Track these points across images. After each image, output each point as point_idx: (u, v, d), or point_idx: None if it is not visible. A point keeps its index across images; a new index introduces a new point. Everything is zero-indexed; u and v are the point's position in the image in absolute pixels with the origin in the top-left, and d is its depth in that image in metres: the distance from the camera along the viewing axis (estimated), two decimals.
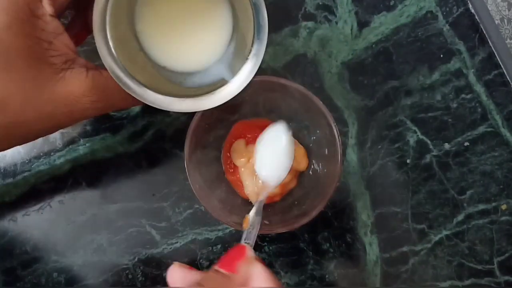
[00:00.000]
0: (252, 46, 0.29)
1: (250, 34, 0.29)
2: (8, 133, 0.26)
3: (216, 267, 0.24)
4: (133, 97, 0.28)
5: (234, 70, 0.30)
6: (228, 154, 0.36)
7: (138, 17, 0.30)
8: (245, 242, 0.26)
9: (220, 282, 0.23)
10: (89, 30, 0.29)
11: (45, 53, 0.25)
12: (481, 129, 0.38)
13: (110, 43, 0.27)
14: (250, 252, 0.25)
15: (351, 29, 0.39)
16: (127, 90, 0.27)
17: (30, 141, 0.28)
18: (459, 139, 0.38)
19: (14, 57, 0.24)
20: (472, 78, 0.38)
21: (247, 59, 0.29)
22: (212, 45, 0.31)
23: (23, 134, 0.27)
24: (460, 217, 0.38)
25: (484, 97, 0.38)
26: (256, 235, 0.27)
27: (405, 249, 0.38)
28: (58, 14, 0.26)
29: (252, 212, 0.27)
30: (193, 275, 0.24)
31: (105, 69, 0.27)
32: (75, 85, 0.26)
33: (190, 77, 0.31)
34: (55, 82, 0.26)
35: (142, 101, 0.28)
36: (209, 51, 0.31)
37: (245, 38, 0.30)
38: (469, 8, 0.39)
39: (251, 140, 0.35)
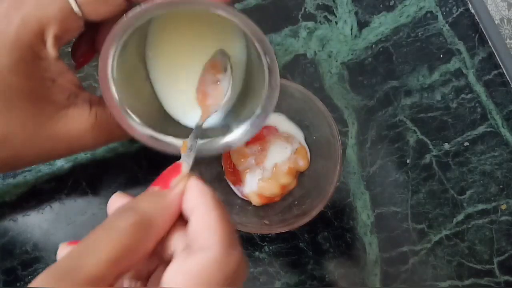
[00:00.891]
0: (261, 103, 0.27)
1: (261, 91, 0.27)
2: (6, 164, 0.26)
3: (151, 186, 0.23)
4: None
5: (239, 120, 0.28)
6: (228, 154, 0.36)
7: (150, 56, 0.29)
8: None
9: (153, 201, 0.21)
10: (96, 49, 0.29)
11: (48, 91, 0.25)
12: (481, 129, 0.38)
13: (113, 86, 0.25)
14: (185, 167, 0.24)
15: (351, 29, 0.39)
16: (129, 132, 0.26)
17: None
18: (459, 139, 0.38)
19: (16, 97, 0.24)
20: (472, 78, 0.38)
21: (253, 114, 0.27)
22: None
23: (21, 166, 0.28)
24: (460, 217, 0.38)
25: (484, 97, 0.38)
26: (194, 157, 0.25)
27: (405, 249, 0.38)
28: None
29: (191, 136, 0.26)
30: (128, 198, 0.23)
31: None
32: (77, 123, 0.26)
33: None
34: (57, 120, 0.26)
35: (143, 143, 0.27)
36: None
37: (255, 93, 0.28)
38: (469, 8, 0.39)
39: (251, 140, 0.35)
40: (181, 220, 0.22)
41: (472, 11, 0.39)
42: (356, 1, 0.39)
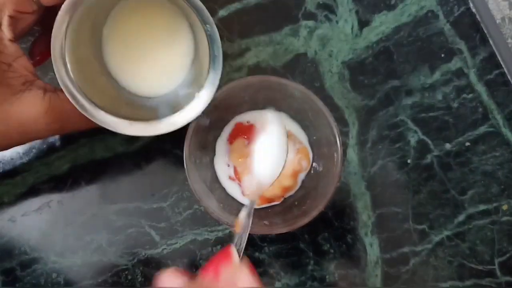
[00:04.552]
0: (208, 74, 0.29)
1: (207, 63, 0.29)
2: None
3: (202, 271, 0.24)
4: (88, 119, 0.28)
5: (190, 97, 0.30)
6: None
7: (105, 39, 0.32)
8: (235, 246, 0.26)
9: None
10: None
11: (4, 75, 0.26)
12: (482, 129, 0.38)
13: (69, 66, 0.27)
14: (235, 257, 0.24)
15: (352, 28, 0.38)
16: (81, 111, 0.28)
17: None
18: (460, 139, 0.38)
19: None
20: (473, 77, 0.38)
21: (202, 87, 0.30)
22: (173, 71, 0.33)
23: None
24: (461, 218, 0.38)
25: (485, 97, 0.38)
26: (247, 237, 0.26)
27: (405, 249, 0.38)
28: (18, 38, 0.27)
29: (243, 214, 0.26)
30: (181, 280, 0.23)
31: (63, 91, 0.28)
32: (30, 106, 0.27)
33: (150, 101, 0.33)
34: (10, 102, 0.26)
35: (95, 121, 0.28)
36: (170, 78, 0.33)
37: (202, 66, 0.30)
38: (470, 7, 0.38)
39: (251, 140, 0.35)
40: None
41: (473, 10, 0.38)
42: (356, 0, 0.38)
